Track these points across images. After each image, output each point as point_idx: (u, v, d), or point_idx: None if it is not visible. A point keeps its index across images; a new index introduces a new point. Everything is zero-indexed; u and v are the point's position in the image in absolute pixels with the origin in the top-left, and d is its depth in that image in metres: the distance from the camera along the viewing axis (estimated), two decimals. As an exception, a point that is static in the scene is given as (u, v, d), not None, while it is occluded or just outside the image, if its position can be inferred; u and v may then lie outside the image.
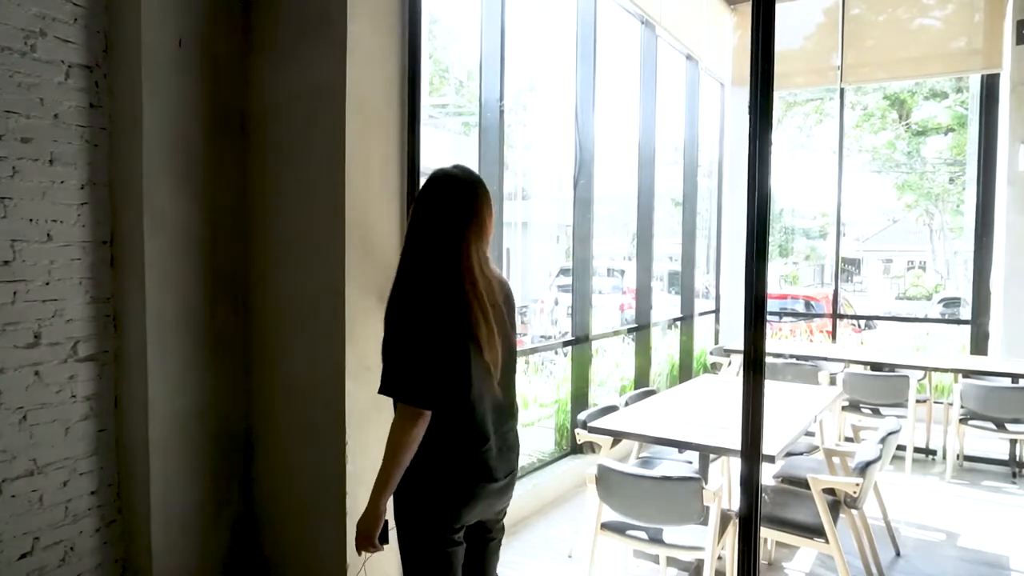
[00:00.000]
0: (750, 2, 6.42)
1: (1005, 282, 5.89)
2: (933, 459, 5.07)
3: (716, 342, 6.97)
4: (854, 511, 3.03)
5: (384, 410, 2.58)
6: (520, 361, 5.25)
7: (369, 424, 2.52)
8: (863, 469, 2.79)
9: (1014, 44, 5.89)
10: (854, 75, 7.26)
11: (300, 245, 2.58)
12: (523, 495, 4.03)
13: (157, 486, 2.39)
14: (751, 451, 1.82)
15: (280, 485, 2.69)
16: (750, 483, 1.87)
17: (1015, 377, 4.65)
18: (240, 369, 2.70)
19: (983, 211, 6.34)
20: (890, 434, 3.14)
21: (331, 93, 2.45)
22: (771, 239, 1.97)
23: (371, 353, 2.46)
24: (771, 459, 2.65)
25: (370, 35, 2.52)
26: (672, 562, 3.24)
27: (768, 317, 9.74)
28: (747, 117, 2.02)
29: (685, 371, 6.57)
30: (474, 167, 4.06)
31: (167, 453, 2.43)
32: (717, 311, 7.24)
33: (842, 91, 7.24)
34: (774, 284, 16.67)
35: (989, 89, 6.47)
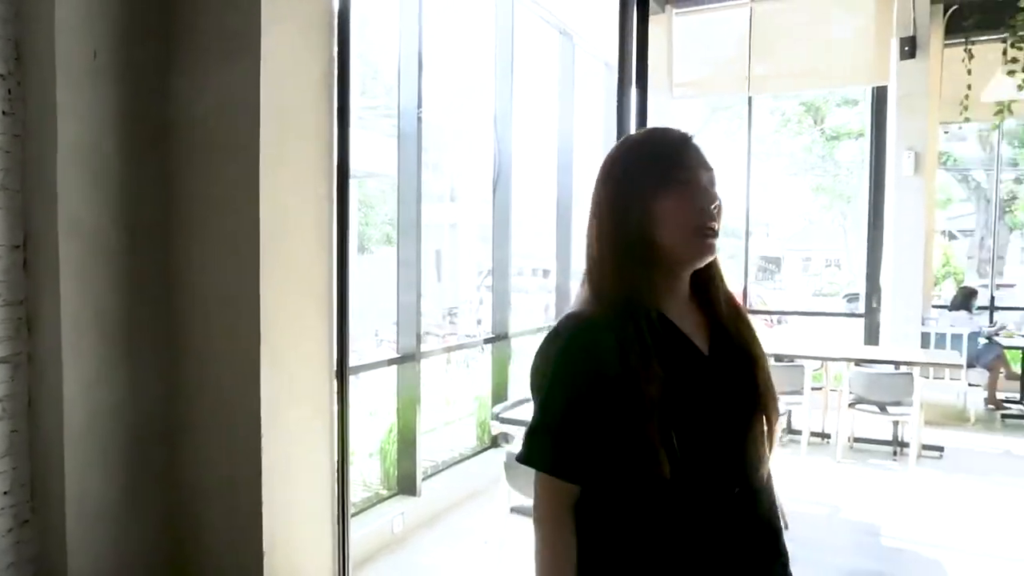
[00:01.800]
0: (663, 13, 6.73)
1: (893, 277, 6.40)
2: (827, 441, 5.49)
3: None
4: (742, 488, 3.32)
5: (295, 405, 2.72)
6: (443, 359, 5.44)
7: (283, 418, 2.64)
8: (745, 448, 3.08)
9: (899, 60, 6.41)
10: (762, 85, 7.72)
11: (218, 251, 2.67)
12: (443, 488, 4.21)
13: (73, 483, 2.46)
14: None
15: (199, 479, 2.78)
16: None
17: (897, 364, 5.10)
18: (159, 367, 2.77)
19: (875, 212, 6.86)
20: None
21: (247, 103, 2.56)
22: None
23: (285, 350, 2.59)
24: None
25: (293, 42, 2.64)
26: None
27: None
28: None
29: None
30: (394, 172, 4.19)
31: (83, 451, 2.49)
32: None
33: (750, 99, 7.69)
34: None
35: (879, 100, 7.01)
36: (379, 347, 6.57)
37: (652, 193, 1.06)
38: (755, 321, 1.23)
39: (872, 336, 6.69)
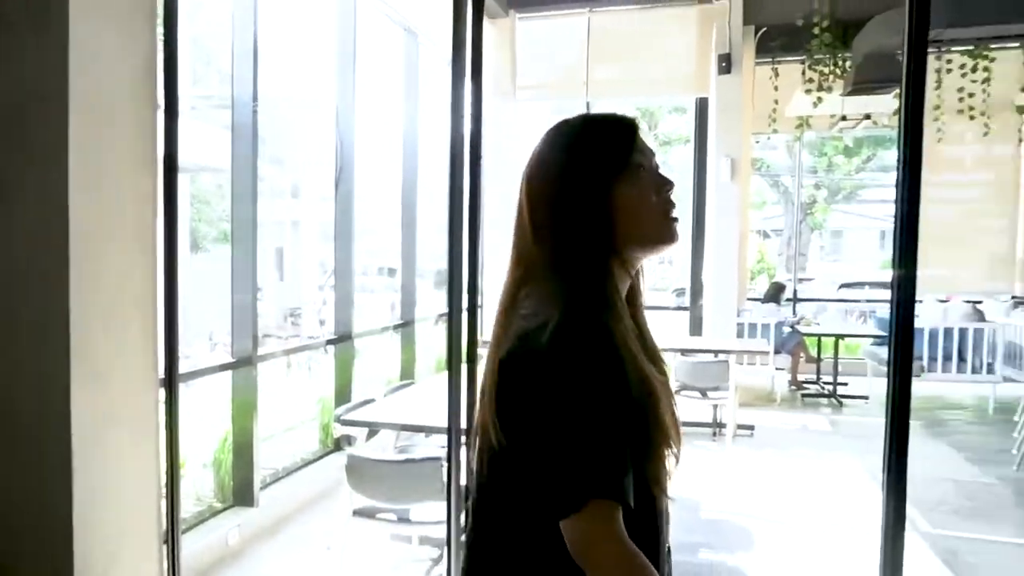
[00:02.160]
0: (507, 17, 6.88)
1: (714, 273, 7.00)
2: (658, 427, 5.90)
3: (481, 334, 7.43)
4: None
5: (115, 422, 2.53)
6: (283, 362, 5.25)
7: (100, 438, 2.45)
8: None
9: (717, 74, 7.01)
10: (600, 90, 8.13)
11: (21, 258, 2.42)
12: (283, 496, 4.08)
13: None
14: (461, 430, 2.11)
15: (7, 504, 2.51)
16: (457, 460, 2.16)
17: (716, 352, 5.60)
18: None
19: (698, 213, 7.46)
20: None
21: (54, 93, 2.33)
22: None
23: (102, 364, 2.40)
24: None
25: (108, 26, 2.43)
26: (425, 540, 3.50)
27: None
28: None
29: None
30: (227, 166, 3.97)
31: None
32: (481, 305, 7.69)
33: (588, 104, 8.07)
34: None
35: (702, 110, 7.63)
36: (213, 351, 6.22)
37: (612, 182, 1.00)
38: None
39: (696, 327, 7.28)
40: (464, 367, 2.12)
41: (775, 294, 7.71)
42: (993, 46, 6.83)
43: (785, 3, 6.99)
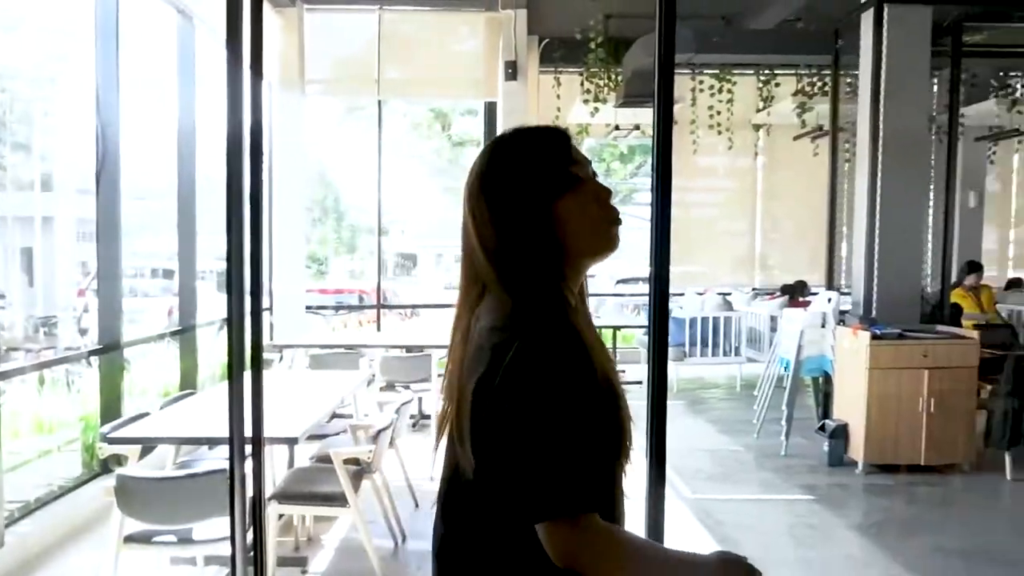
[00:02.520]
0: (294, 7, 6.63)
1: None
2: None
3: (271, 338, 7.09)
4: (376, 475, 3.50)
5: None
6: (35, 377, 4.61)
7: None
8: (375, 437, 3.26)
9: (504, 80, 7.32)
10: (391, 89, 8.12)
11: None
12: (37, 530, 3.60)
13: None
14: (245, 440, 2.02)
15: None
16: (241, 473, 2.07)
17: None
18: None
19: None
20: (402, 404, 3.70)
21: None
22: (339, 236, 2.18)
23: None
24: (294, 441, 2.93)
25: None
26: (212, 559, 3.28)
27: (324, 311, 10.26)
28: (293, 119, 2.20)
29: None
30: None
31: None
32: (270, 308, 7.34)
33: (379, 103, 8.03)
34: (343, 279, 17.50)
35: (490, 114, 7.92)
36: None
37: (554, 197, 1.02)
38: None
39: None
40: (248, 374, 2.03)
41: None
42: (735, 72, 7.86)
43: (565, 17, 7.49)
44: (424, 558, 1.27)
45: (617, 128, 8.20)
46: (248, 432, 2.00)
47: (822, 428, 5.15)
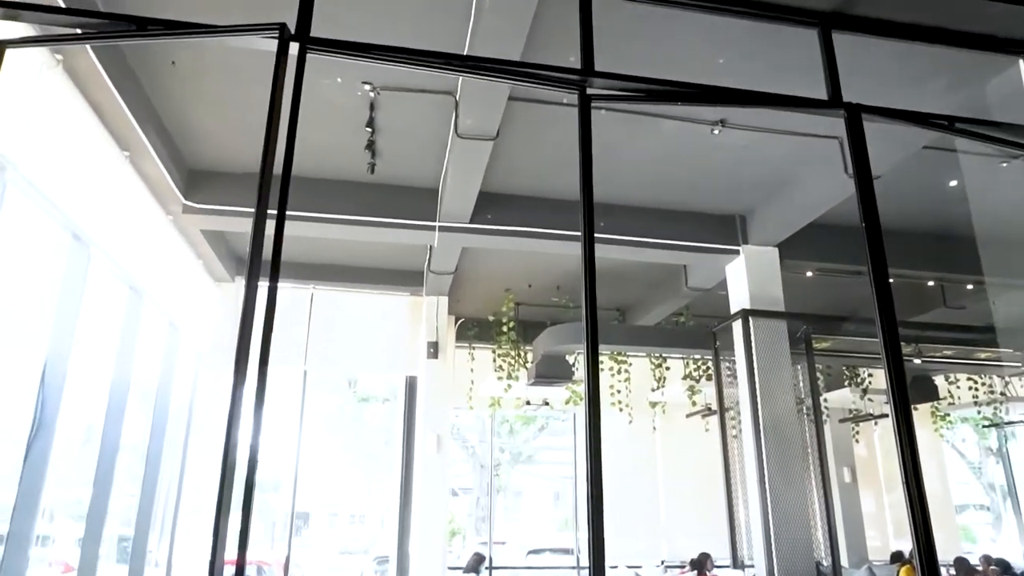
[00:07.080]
0: (233, 282, 7.20)
1: (420, 543, 7.27)
2: None
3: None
4: None
5: None
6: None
7: None
8: None
9: (426, 358, 7.97)
10: (317, 359, 8.55)
11: None
12: None
13: None
14: None
15: None
16: None
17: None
18: None
19: (405, 480, 7.88)
20: None
21: None
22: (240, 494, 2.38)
23: None
24: None
25: None
26: None
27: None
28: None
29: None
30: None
31: None
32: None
33: (305, 372, 8.41)
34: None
35: (411, 386, 8.44)
36: None
37: None
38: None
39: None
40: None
41: (476, 565, 8.13)
42: (630, 354, 8.88)
43: (480, 302, 8.45)
44: None
45: (528, 403, 8.85)
46: None
47: None
